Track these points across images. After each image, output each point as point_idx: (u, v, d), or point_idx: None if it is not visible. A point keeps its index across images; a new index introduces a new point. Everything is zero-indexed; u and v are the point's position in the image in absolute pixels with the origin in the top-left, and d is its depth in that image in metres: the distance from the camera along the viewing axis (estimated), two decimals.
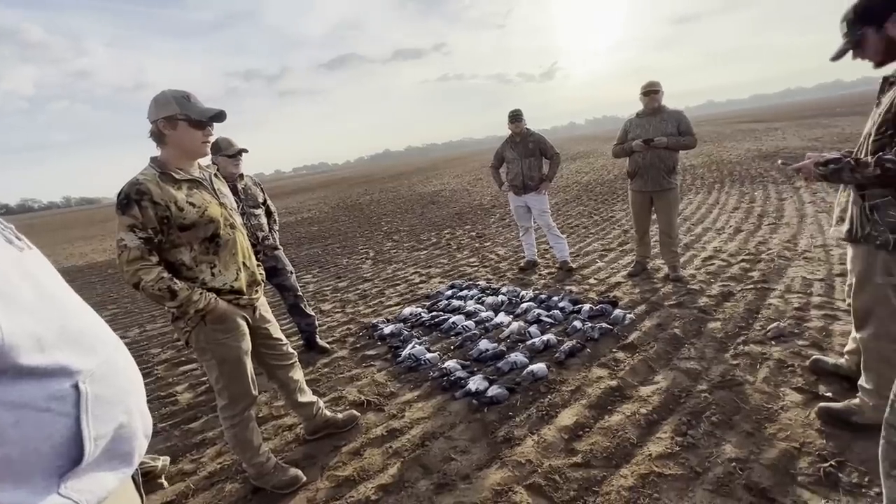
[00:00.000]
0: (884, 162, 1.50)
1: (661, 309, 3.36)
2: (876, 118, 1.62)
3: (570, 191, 10.73)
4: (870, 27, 1.55)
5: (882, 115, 1.58)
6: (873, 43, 1.57)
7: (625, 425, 2.13)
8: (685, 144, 3.65)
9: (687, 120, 3.67)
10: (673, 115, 3.70)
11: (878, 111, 1.63)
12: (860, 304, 1.79)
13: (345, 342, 3.62)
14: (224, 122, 1.75)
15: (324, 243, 8.73)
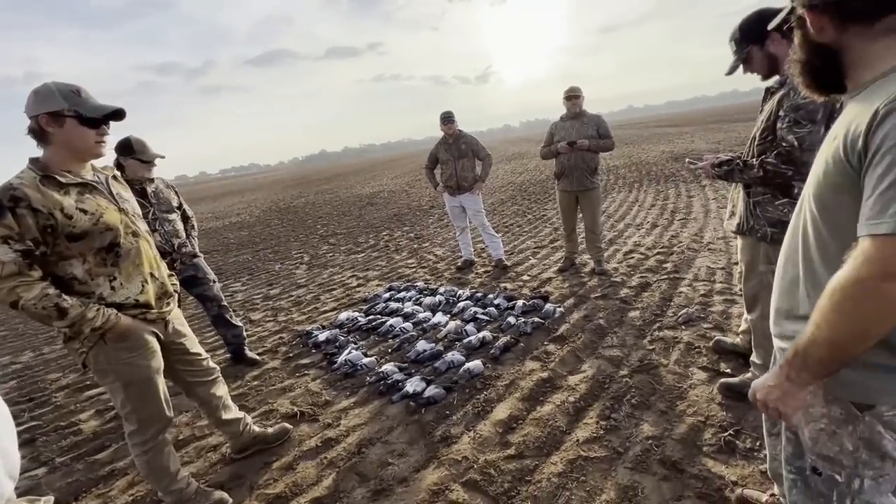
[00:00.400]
0: (765, 164, 1.74)
1: (587, 301, 3.56)
2: (759, 124, 1.84)
3: (506, 191, 11.07)
4: (754, 45, 1.74)
5: (763, 121, 1.79)
6: (758, 59, 1.77)
7: (555, 414, 2.23)
8: (604, 146, 3.91)
9: (605, 123, 3.95)
10: (593, 118, 3.96)
11: (760, 118, 1.84)
12: (748, 290, 2.01)
13: (276, 352, 3.45)
14: (123, 120, 1.59)
15: (254, 249, 8.26)
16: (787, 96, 1.69)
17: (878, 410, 0.87)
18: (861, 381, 0.87)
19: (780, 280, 1.00)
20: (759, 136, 1.80)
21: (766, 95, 1.85)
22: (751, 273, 1.96)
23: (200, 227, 13.10)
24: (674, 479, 1.74)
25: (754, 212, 1.86)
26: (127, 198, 1.71)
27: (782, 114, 1.69)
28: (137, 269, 1.63)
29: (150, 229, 2.72)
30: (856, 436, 0.90)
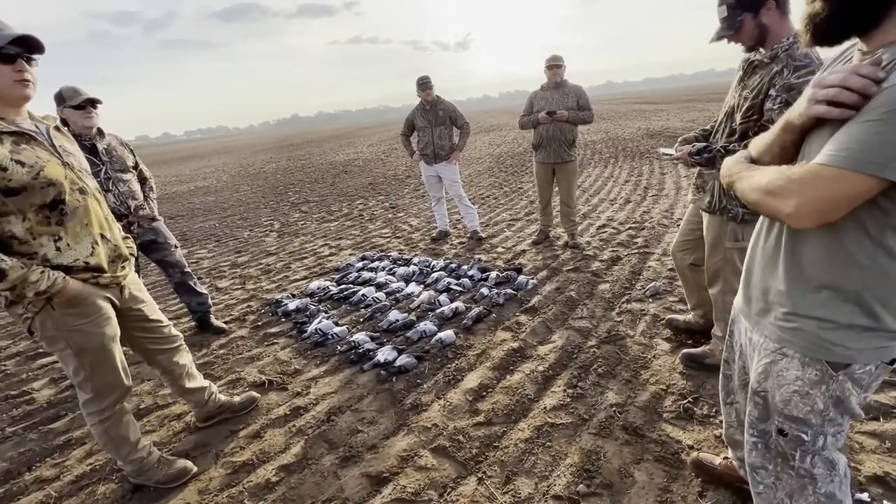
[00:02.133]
0: None
1: (559, 274, 3.61)
2: (740, 101, 1.70)
3: (483, 163, 10.96)
4: (749, 13, 1.61)
5: (750, 98, 1.65)
6: (749, 28, 1.63)
7: (524, 383, 2.27)
8: (583, 119, 3.85)
9: (586, 95, 3.89)
10: (574, 89, 3.88)
11: (742, 93, 1.70)
12: (711, 265, 2.02)
13: (244, 321, 3.36)
14: (42, 53, 1.40)
15: (222, 215, 7.95)
16: (780, 74, 1.57)
17: (851, 369, 0.91)
18: (842, 342, 0.90)
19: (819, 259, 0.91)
20: (742, 115, 1.68)
21: (749, 69, 1.71)
22: (716, 249, 1.97)
23: (163, 190, 12.49)
24: (634, 443, 1.81)
25: (727, 192, 1.86)
26: (72, 151, 1.56)
27: (773, 93, 1.57)
28: (86, 228, 1.51)
29: (103, 189, 2.53)
30: (828, 394, 0.95)
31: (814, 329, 0.92)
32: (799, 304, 0.94)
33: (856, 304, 0.87)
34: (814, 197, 0.77)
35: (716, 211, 1.91)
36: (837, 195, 0.75)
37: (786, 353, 0.98)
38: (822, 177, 0.76)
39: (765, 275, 1.02)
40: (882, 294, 0.85)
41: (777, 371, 1.00)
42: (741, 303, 1.13)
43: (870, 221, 0.81)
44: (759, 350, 1.06)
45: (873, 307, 0.86)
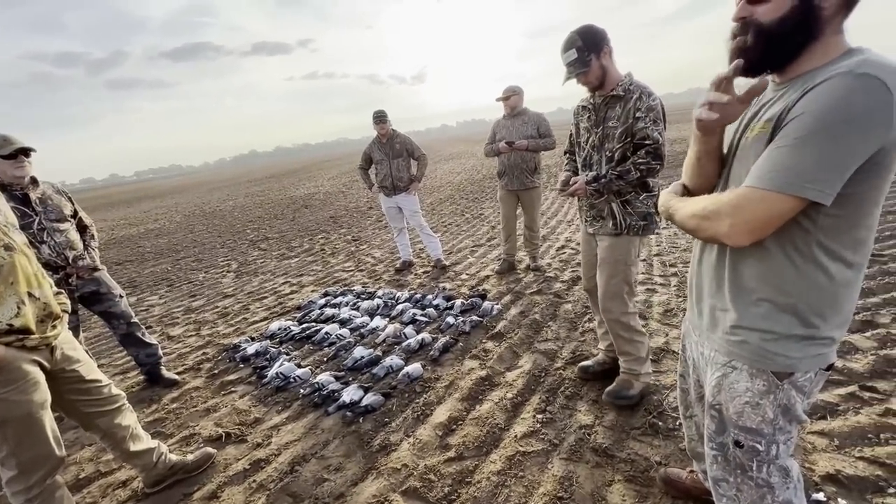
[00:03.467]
0: (639, 165, 1.85)
1: (523, 297, 3.65)
2: (608, 131, 1.90)
3: (444, 191, 11.13)
4: (593, 54, 1.79)
5: (621, 126, 1.86)
6: (595, 68, 1.82)
7: (493, 412, 2.24)
8: (544, 146, 3.92)
9: (546, 123, 3.95)
10: (534, 117, 3.96)
11: (607, 125, 1.90)
12: (611, 287, 2.02)
13: (199, 370, 3.17)
14: None
15: (174, 258, 7.59)
16: (640, 99, 1.82)
17: (794, 377, 0.96)
18: (783, 352, 0.94)
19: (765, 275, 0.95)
20: (618, 140, 1.88)
21: (602, 106, 1.91)
22: (616, 270, 2.00)
23: (110, 235, 11.85)
24: (605, 465, 1.81)
25: (625, 210, 1.96)
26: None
27: (641, 115, 1.82)
28: (11, 287, 1.40)
29: (37, 241, 2.37)
30: (776, 403, 0.98)
31: (757, 341, 0.96)
32: (743, 318, 0.98)
33: (793, 314, 0.92)
34: (745, 217, 0.83)
35: (623, 231, 1.97)
36: (765, 214, 0.82)
37: (735, 365, 1.01)
38: (751, 198, 0.82)
39: (711, 291, 1.07)
40: (815, 304, 0.91)
41: (728, 384, 1.03)
42: (692, 318, 1.18)
43: (798, 238, 0.87)
44: (711, 364, 1.09)
45: (808, 317, 0.91)
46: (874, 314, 2.62)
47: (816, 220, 0.84)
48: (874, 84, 0.70)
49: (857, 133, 0.71)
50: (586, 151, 2.02)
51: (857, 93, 0.71)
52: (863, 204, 0.81)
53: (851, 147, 0.72)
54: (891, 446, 1.69)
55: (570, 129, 2.18)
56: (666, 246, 4.51)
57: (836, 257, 0.87)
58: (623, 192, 1.95)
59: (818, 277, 0.88)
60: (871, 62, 0.73)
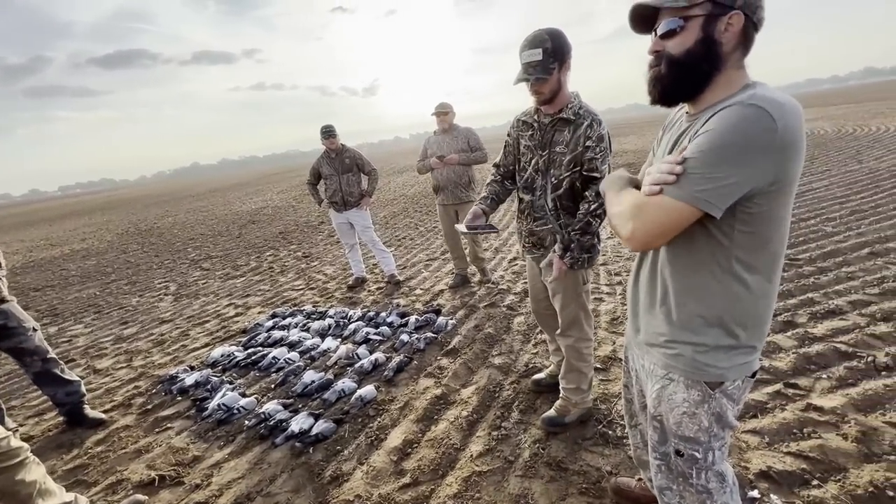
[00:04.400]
0: (594, 213, 1.74)
1: (477, 311, 3.67)
2: (554, 156, 1.77)
3: (398, 204, 11.07)
4: (557, 63, 1.62)
5: (569, 153, 1.73)
6: (554, 80, 1.64)
7: (449, 432, 2.21)
8: (475, 159, 4.00)
9: (476, 136, 4.05)
10: (463, 132, 4.04)
11: (553, 149, 1.76)
12: (567, 316, 1.97)
13: (130, 405, 2.90)
14: None
15: (104, 281, 6.98)
16: (591, 127, 1.70)
17: (724, 386, 1.01)
18: (713, 363, 1.00)
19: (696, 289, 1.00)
20: (566, 168, 1.75)
21: (550, 128, 1.77)
22: (569, 299, 1.94)
23: (27, 258, 10.75)
24: (559, 478, 1.83)
25: (575, 241, 1.82)
26: None
27: (591, 143, 1.69)
28: None
29: None
30: (710, 412, 1.03)
31: (690, 353, 1.02)
32: (676, 332, 1.04)
33: (719, 326, 0.98)
34: (643, 221, 0.91)
35: (566, 266, 1.85)
36: (661, 220, 0.89)
37: (672, 377, 1.06)
38: (652, 204, 0.89)
39: (646, 306, 1.12)
40: (737, 315, 0.97)
41: (667, 396, 1.08)
42: (631, 333, 1.22)
43: (719, 254, 0.93)
44: (651, 376, 1.14)
45: (733, 328, 0.98)
46: (793, 314, 2.86)
47: (731, 236, 0.91)
48: (758, 114, 0.79)
49: (744, 154, 0.80)
50: (528, 174, 1.89)
51: (746, 120, 0.80)
52: (771, 220, 0.89)
53: (738, 166, 0.80)
54: (812, 440, 1.84)
55: (506, 140, 1.99)
56: (611, 255, 4.72)
57: (753, 270, 0.94)
58: (570, 223, 1.82)
59: (739, 290, 0.95)
60: (759, 95, 0.82)
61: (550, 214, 1.85)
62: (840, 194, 5.73)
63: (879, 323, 2.62)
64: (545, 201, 1.85)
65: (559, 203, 1.82)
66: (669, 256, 1.03)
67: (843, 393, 2.08)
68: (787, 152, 0.81)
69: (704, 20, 0.88)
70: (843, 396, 2.05)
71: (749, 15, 0.87)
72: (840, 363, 2.31)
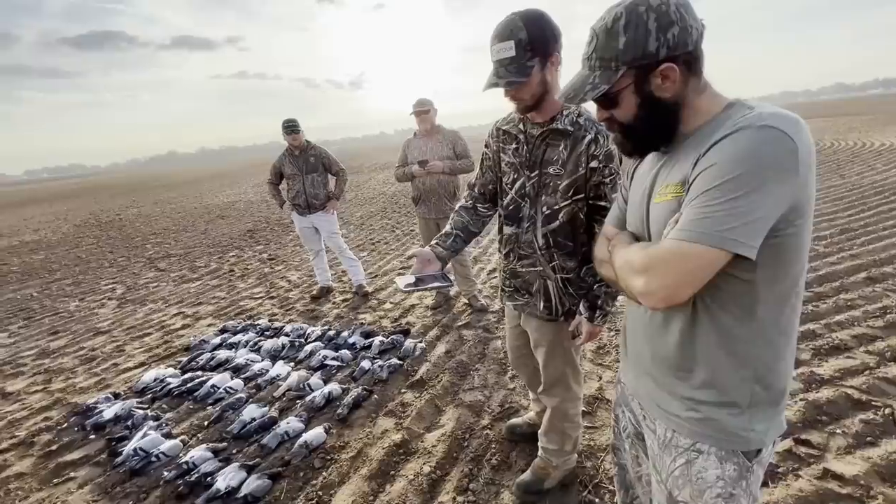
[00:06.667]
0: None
1: (450, 332, 3.31)
2: (545, 178, 1.38)
3: (376, 203, 10.63)
4: (538, 58, 1.22)
5: (567, 175, 1.34)
6: (536, 81, 1.24)
7: (406, 494, 1.85)
8: (462, 168, 3.55)
9: (463, 142, 3.60)
10: (449, 135, 3.58)
11: (546, 170, 1.37)
12: (551, 375, 1.62)
13: (32, 444, 2.44)
14: None
15: (46, 280, 6.37)
16: (596, 142, 1.30)
17: (761, 454, 0.85)
18: (751, 426, 0.83)
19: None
20: (564, 193, 1.35)
21: (540, 141, 1.37)
22: (554, 356, 1.58)
23: None
24: None
25: (565, 290, 1.46)
26: None
27: (598, 165, 1.31)
28: None
29: None
30: (748, 490, 0.86)
31: (724, 417, 0.83)
32: (702, 390, 0.85)
33: (752, 378, 0.82)
34: (665, 272, 0.75)
35: (558, 317, 1.49)
36: (685, 270, 0.73)
37: (700, 449, 0.86)
38: (674, 252, 0.74)
39: (659, 358, 0.91)
40: (770, 360, 0.82)
41: (696, 473, 0.88)
42: (632, 386, 1.02)
43: (742, 294, 0.79)
44: (667, 448, 0.92)
45: (766, 377, 0.82)
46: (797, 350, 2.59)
47: (754, 272, 0.77)
48: (777, 135, 0.70)
49: (770, 182, 0.70)
50: (511, 198, 1.47)
51: (765, 144, 0.70)
52: (795, 249, 0.78)
53: (764, 196, 0.70)
54: None
55: (483, 152, 1.58)
56: None
57: (780, 305, 0.80)
58: (564, 265, 1.44)
59: (767, 331, 0.81)
60: (768, 114, 0.73)
61: (541, 254, 1.45)
62: (827, 210, 5.59)
63: (890, 364, 2.37)
64: (534, 236, 1.45)
65: (552, 240, 1.42)
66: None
67: (862, 455, 1.80)
68: (809, 173, 0.72)
69: (634, 86, 0.82)
70: (863, 461, 1.77)
71: (679, 55, 0.78)
72: (854, 414, 2.04)
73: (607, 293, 1.39)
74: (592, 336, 1.45)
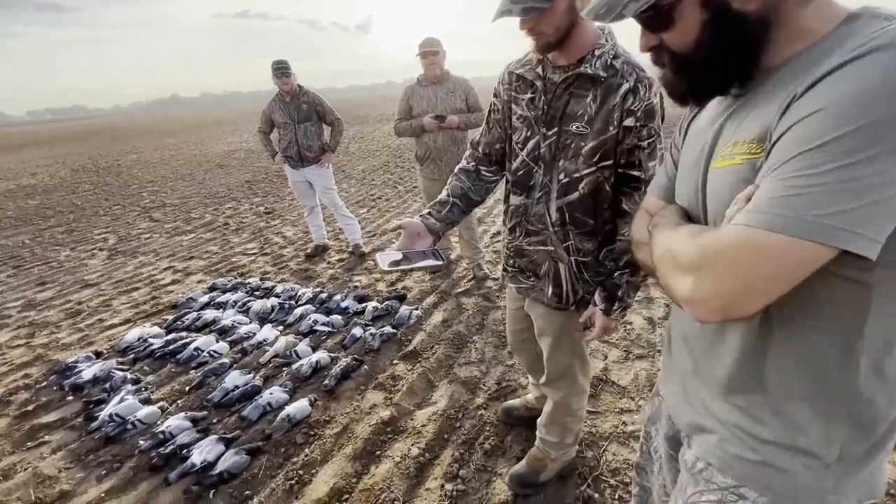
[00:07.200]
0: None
1: (448, 299, 3.13)
2: (567, 137, 1.10)
3: (380, 156, 10.22)
4: None
5: (593, 135, 1.07)
6: (560, 10, 0.98)
7: (392, 478, 1.73)
8: (476, 123, 3.12)
9: (475, 93, 3.21)
10: (460, 85, 3.17)
11: (567, 127, 1.10)
12: (556, 367, 1.43)
13: (9, 403, 2.35)
14: None
15: (39, 227, 6.22)
16: (635, 93, 1.02)
17: None
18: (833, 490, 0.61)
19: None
20: (587, 158, 1.09)
21: (561, 89, 1.10)
22: (560, 346, 1.38)
23: None
24: None
25: (579, 275, 1.23)
26: None
27: (634, 123, 1.03)
28: None
29: None
30: None
31: (795, 468, 0.61)
32: (767, 428, 0.62)
33: (849, 424, 0.58)
34: (726, 273, 0.51)
35: (568, 305, 1.27)
36: (764, 272, 0.49)
37: (745, 495, 0.65)
38: (745, 244, 0.49)
39: (704, 376, 0.70)
40: (878, 401, 0.57)
41: None
42: (674, 405, 0.79)
43: (845, 308, 0.55)
44: (697, 478, 0.71)
45: (867, 420, 0.58)
46: None
47: (870, 279, 0.52)
48: None
49: None
50: (521, 161, 1.21)
51: None
52: None
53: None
54: None
55: (491, 102, 1.30)
56: None
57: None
58: (581, 246, 1.20)
59: (879, 357, 0.56)
60: None
61: (553, 231, 1.20)
62: None
63: None
64: (546, 210, 1.20)
65: (568, 215, 1.17)
66: None
67: None
68: None
69: None
70: None
71: None
72: None
73: (630, 282, 1.16)
74: (607, 330, 1.24)
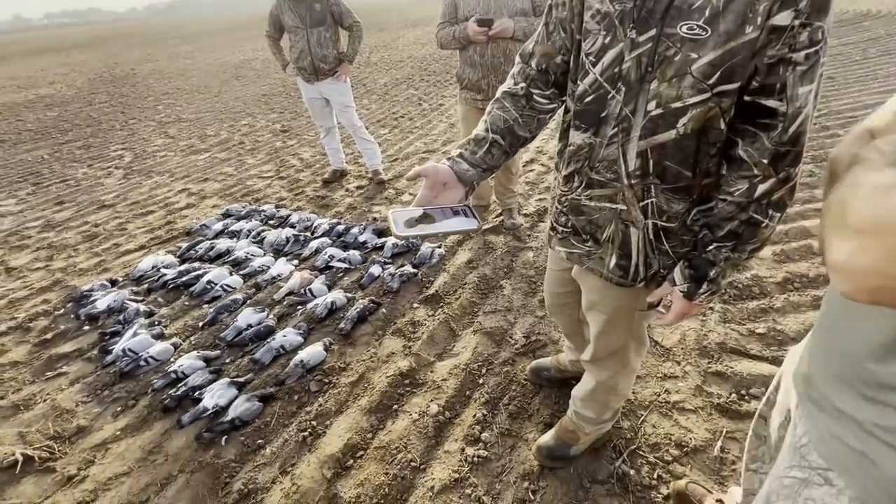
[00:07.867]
0: (767, 200, 0.77)
1: (474, 236, 2.87)
2: (672, 41, 0.72)
3: (403, 67, 9.38)
4: None
5: (714, 45, 0.69)
6: None
7: (409, 436, 1.62)
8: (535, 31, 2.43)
9: None
10: None
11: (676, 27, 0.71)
12: (609, 343, 1.18)
13: (29, 330, 2.34)
14: None
15: (58, 140, 6.09)
16: None
17: None
18: None
19: None
20: (698, 83, 0.73)
21: None
22: (615, 326, 1.13)
23: None
24: None
25: (656, 245, 0.92)
26: None
27: (793, 21, 0.64)
28: None
29: None
30: None
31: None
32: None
33: None
34: None
35: (636, 282, 0.98)
36: None
37: (831, 480, 0.57)
38: None
39: (842, 356, 0.56)
40: None
41: (805, 499, 0.60)
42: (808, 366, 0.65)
43: None
44: (794, 451, 0.64)
45: None
46: None
47: None
48: None
49: None
50: (591, 81, 0.83)
51: None
52: None
53: None
54: None
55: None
56: None
57: None
58: (670, 210, 0.87)
59: None
60: None
61: (628, 184, 0.87)
62: None
63: None
64: (621, 154, 0.85)
65: (654, 165, 0.83)
66: None
67: None
68: None
69: None
70: None
71: None
72: None
73: (729, 259, 0.84)
74: (683, 316, 0.96)
